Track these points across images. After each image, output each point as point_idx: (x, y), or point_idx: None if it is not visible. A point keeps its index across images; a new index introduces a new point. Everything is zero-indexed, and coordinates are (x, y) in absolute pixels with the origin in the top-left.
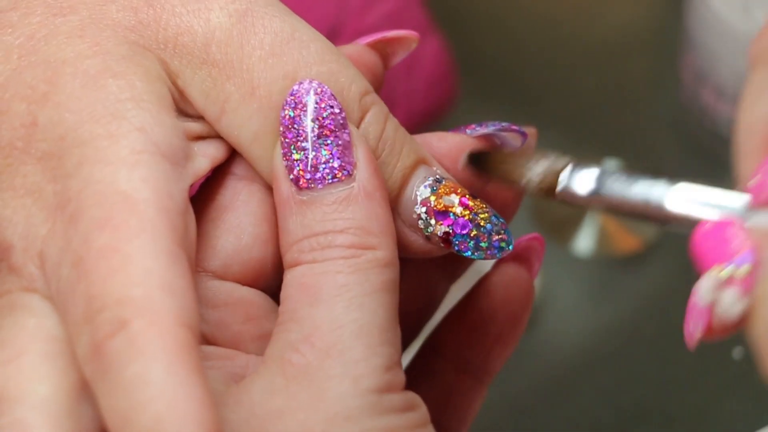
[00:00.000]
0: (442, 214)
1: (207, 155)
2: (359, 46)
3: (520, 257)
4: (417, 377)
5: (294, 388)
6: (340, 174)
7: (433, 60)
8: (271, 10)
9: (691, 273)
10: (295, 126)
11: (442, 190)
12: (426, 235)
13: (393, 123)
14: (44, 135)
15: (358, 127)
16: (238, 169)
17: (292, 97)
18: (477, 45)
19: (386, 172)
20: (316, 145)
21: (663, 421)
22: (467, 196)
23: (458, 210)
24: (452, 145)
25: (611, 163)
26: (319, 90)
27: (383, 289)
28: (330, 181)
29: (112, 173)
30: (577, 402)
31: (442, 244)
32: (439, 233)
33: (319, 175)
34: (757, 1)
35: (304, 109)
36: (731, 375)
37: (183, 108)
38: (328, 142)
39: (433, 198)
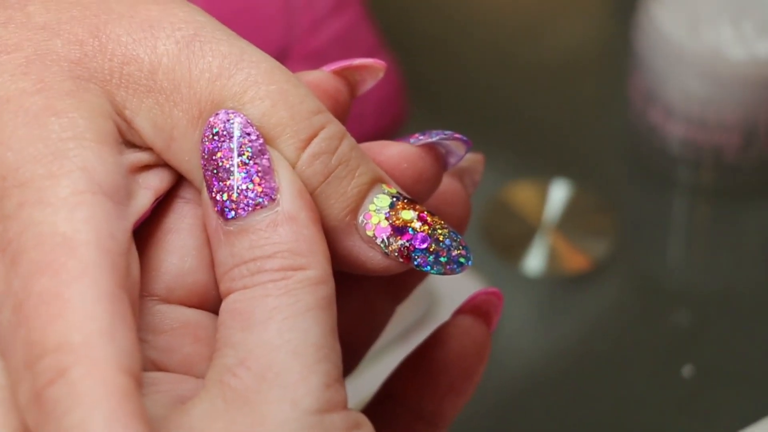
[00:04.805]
0: (401, 229)
1: (150, 187)
2: (323, 73)
3: (479, 310)
4: (374, 421)
5: (233, 413)
6: (263, 200)
7: (382, 81)
8: (218, 35)
9: (640, 291)
10: (214, 158)
11: (400, 206)
12: (384, 252)
13: (349, 142)
14: None
15: (307, 145)
16: (185, 192)
17: (209, 129)
18: (426, 67)
19: (341, 190)
20: (236, 175)
21: None
22: (425, 212)
23: (417, 225)
24: (395, 153)
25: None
26: (233, 119)
27: (316, 307)
28: (253, 208)
29: (53, 214)
30: (528, 422)
31: (401, 260)
32: (398, 248)
33: (242, 204)
34: (705, 21)
35: (221, 140)
36: (682, 394)
37: (131, 139)
38: (248, 169)
39: (391, 213)
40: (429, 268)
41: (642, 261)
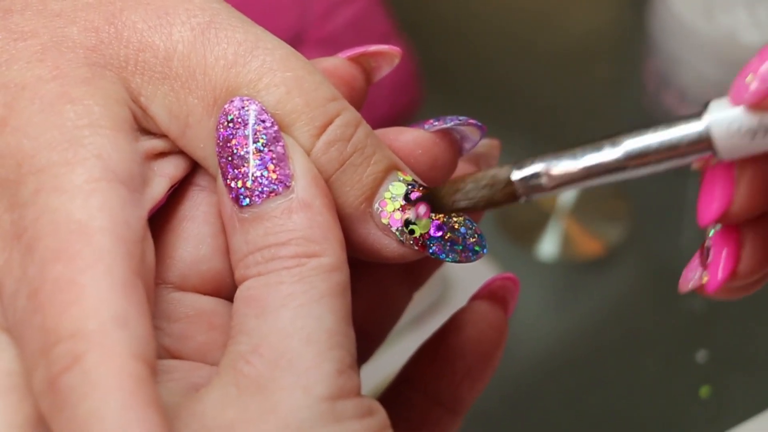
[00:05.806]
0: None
1: (166, 174)
2: (339, 60)
3: (495, 296)
4: (390, 407)
5: (246, 400)
6: (278, 187)
7: (397, 67)
8: (234, 22)
9: (654, 276)
10: (229, 145)
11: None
12: (399, 240)
13: (365, 129)
14: (2, 161)
15: (322, 132)
16: (200, 179)
17: (224, 116)
18: (441, 52)
19: (357, 177)
20: (251, 162)
21: (628, 426)
22: None
23: (432, 213)
24: (410, 139)
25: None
26: (248, 106)
27: (330, 294)
28: (268, 196)
29: (68, 202)
30: (541, 407)
31: (416, 248)
32: (413, 236)
33: (257, 191)
34: (719, 5)
35: (235, 127)
36: (695, 379)
37: (146, 126)
38: (262, 156)
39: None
40: (444, 256)
41: (656, 246)
